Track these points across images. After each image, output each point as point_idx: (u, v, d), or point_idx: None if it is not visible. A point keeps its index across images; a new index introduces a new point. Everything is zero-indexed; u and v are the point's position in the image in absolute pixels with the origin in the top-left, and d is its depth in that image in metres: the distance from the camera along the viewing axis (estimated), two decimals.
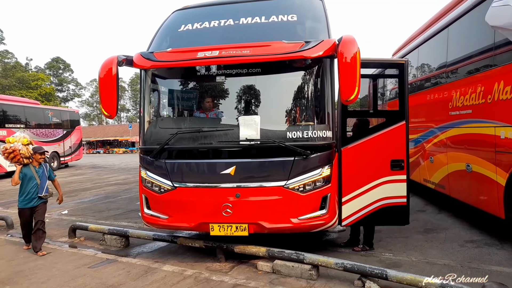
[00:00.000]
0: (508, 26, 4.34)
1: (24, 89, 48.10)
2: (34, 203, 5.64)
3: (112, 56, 4.78)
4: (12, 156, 5.59)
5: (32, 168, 5.65)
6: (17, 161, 5.61)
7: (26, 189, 5.57)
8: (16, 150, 5.55)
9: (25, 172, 5.58)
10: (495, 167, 5.01)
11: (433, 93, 7.40)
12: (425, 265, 4.64)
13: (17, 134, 5.82)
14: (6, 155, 5.64)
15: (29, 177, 5.57)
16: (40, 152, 5.72)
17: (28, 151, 5.68)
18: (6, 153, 5.63)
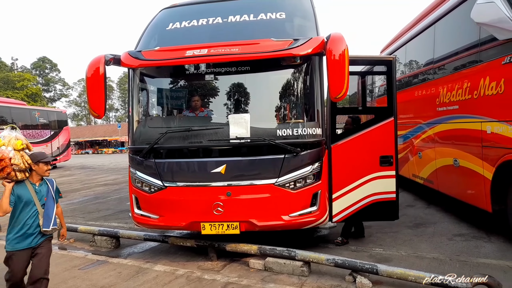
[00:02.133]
0: (493, 22, 4.42)
1: (9, 89, 47.29)
2: (34, 241, 3.52)
3: (99, 55, 4.73)
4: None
5: (30, 187, 3.54)
6: (5, 176, 3.44)
7: (20, 220, 3.47)
8: (5, 158, 3.36)
9: (19, 194, 3.45)
10: (481, 162, 5.10)
11: (420, 90, 7.48)
12: (415, 259, 4.70)
13: (5, 133, 3.59)
14: None
15: (25, 202, 3.47)
16: (45, 162, 3.57)
17: (24, 160, 3.50)
18: None
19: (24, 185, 3.53)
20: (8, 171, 3.39)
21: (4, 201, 3.34)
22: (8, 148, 3.43)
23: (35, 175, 3.60)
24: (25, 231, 3.46)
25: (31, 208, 3.50)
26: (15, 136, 3.56)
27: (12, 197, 3.42)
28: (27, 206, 3.49)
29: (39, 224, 3.51)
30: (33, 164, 3.53)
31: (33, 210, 3.51)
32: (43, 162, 3.57)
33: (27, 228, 3.47)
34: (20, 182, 3.51)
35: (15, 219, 3.48)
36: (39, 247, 3.55)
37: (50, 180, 3.74)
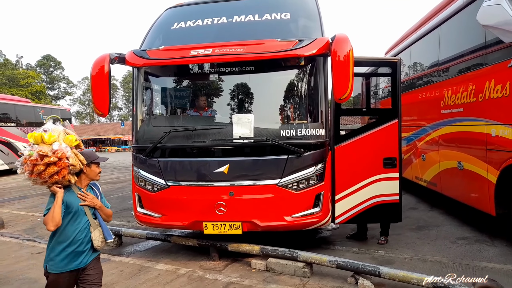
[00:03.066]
0: (499, 25, 4.39)
1: (14, 87, 47.52)
2: (83, 261, 2.89)
3: (104, 54, 4.75)
4: (52, 171, 2.71)
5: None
6: (59, 180, 2.78)
7: (67, 235, 2.81)
8: (64, 157, 2.73)
9: (68, 202, 2.81)
10: (486, 165, 5.07)
11: (425, 92, 7.45)
12: (417, 262, 4.68)
13: (50, 125, 2.91)
14: (41, 168, 2.69)
15: (74, 212, 2.83)
16: (97, 163, 3.01)
17: (78, 161, 2.87)
18: (42, 164, 2.68)
19: (72, 192, 2.87)
20: (64, 174, 2.74)
21: (57, 211, 2.68)
22: (63, 145, 2.78)
23: (84, 179, 2.96)
24: (75, 248, 2.81)
25: (81, 219, 2.85)
26: (63, 130, 2.91)
27: (62, 207, 2.75)
28: (77, 217, 2.83)
29: (90, 239, 2.89)
30: (85, 165, 2.93)
31: (84, 221, 2.87)
32: (95, 163, 2.97)
33: (77, 244, 2.81)
34: (66, 188, 2.85)
35: (59, 233, 2.80)
36: (89, 269, 2.91)
37: (94, 184, 3.10)
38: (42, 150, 2.66)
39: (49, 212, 2.70)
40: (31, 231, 6.97)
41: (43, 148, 2.68)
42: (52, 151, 2.69)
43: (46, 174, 2.69)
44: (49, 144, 2.73)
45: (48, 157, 2.66)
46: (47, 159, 2.66)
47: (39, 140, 2.72)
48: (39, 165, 2.66)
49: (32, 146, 2.73)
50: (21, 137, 18.36)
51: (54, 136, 2.78)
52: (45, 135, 2.75)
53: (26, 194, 11.52)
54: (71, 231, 2.81)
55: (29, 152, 2.68)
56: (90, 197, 2.90)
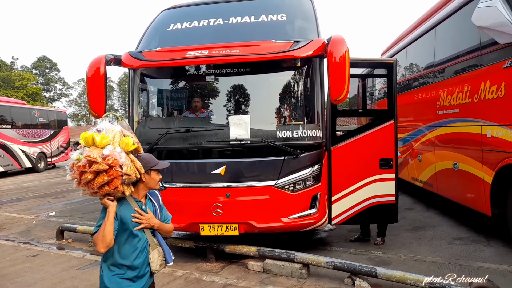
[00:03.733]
0: (494, 26, 4.42)
1: (9, 89, 47.26)
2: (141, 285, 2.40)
3: (100, 56, 4.73)
4: (102, 181, 2.18)
5: (136, 207, 2.36)
6: (110, 192, 2.24)
7: (124, 257, 2.30)
8: (116, 165, 2.19)
9: (123, 218, 2.29)
10: (481, 165, 5.09)
11: (421, 93, 7.48)
12: (414, 263, 4.69)
13: (105, 125, 2.37)
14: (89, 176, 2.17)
15: (131, 229, 2.30)
16: (157, 169, 2.46)
17: (135, 169, 2.32)
18: (90, 172, 2.17)
19: (128, 205, 2.32)
20: (117, 185, 2.19)
21: (108, 229, 2.16)
22: (117, 150, 2.22)
23: (142, 189, 2.40)
24: (134, 273, 2.31)
25: (140, 237, 2.32)
26: (120, 131, 2.35)
27: (115, 223, 2.23)
28: (134, 235, 2.30)
29: (149, 262, 2.37)
30: (143, 173, 2.36)
31: (143, 240, 2.34)
32: (155, 169, 2.43)
33: (136, 269, 2.31)
34: (120, 200, 2.31)
35: (115, 254, 2.27)
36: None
37: (153, 193, 2.52)
38: (90, 155, 2.12)
39: (100, 230, 2.18)
40: (27, 233, 6.93)
41: (93, 152, 2.15)
42: (102, 156, 2.14)
43: (95, 184, 2.15)
44: (101, 147, 2.19)
45: (97, 163, 2.12)
46: (96, 166, 2.12)
47: (90, 142, 2.20)
48: (87, 173, 2.13)
49: (83, 149, 2.22)
50: (16, 139, 18.26)
51: (108, 138, 2.22)
52: (97, 136, 2.20)
53: (21, 197, 11.45)
54: (129, 252, 2.27)
55: (77, 156, 2.15)
56: (146, 217, 2.33)
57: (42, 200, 10.71)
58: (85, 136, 2.23)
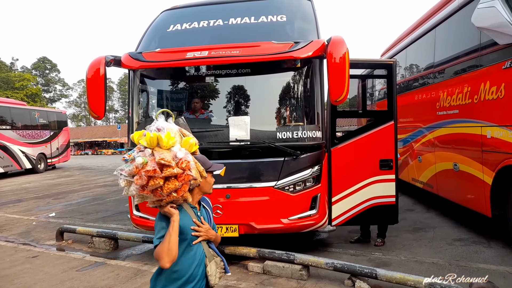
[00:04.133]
0: (493, 27, 4.42)
1: (9, 89, 47.28)
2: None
3: (100, 57, 4.73)
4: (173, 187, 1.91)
5: (192, 214, 2.12)
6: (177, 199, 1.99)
7: (184, 270, 2.02)
8: (187, 169, 1.93)
9: (182, 227, 2.01)
10: (481, 166, 5.09)
11: (421, 93, 7.48)
12: (414, 264, 4.68)
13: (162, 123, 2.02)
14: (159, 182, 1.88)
15: (189, 239, 2.06)
16: (212, 171, 2.24)
17: (198, 172, 2.07)
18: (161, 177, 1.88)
19: (185, 212, 2.06)
20: (185, 191, 1.98)
21: (174, 241, 1.90)
22: (183, 151, 1.97)
23: (197, 193, 2.16)
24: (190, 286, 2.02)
25: (197, 248, 2.07)
26: (178, 130, 2.07)
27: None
28: (192, 246, 2.05)
29: (205, 274, 2.09)
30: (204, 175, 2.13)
31: (200, 252, 2.09)
32: (210, 171, 2.19)
33: (194, 282, 2.03)
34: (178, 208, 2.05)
35: (171, 269, 1.95)
36: None
37: (204, 199, 2.28)
38: (164, 158, 1.85)
39: (164, 242, 1.89)
40: (26, 234, 6.92)
41: (164, 155, 1.87)
42: (175, 160, 1.89)
43: (165, 191, 1.88)
44: (167, 148, 1.92)
45: (171, 167, 1.86)
46: (169, 171, 1.86)
47: (154, 143, 1.92)
48: (157, 179, 1.85)
49: (144, 151, 1.92)
50: (16, 140, 18.27)
51: (174, 138, 1.97)
52: (163, 136, 1.93)
53: (21, 198, 11.44)
54: (187, 264, 2.02)
55: (143, 159, 1.86)
56: (204, 228, 2.09)
57: (42, 201, 10.70)
58: (150, 136, 1.92)
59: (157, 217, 2.05)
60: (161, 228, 1.98)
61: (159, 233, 1.98)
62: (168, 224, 1.95)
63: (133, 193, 1.93)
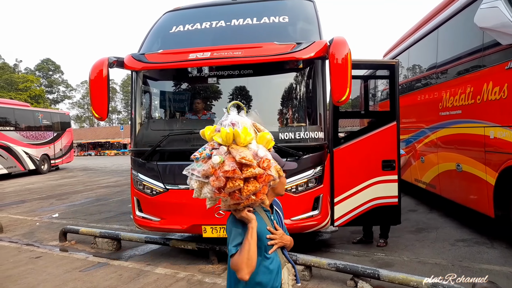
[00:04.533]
0: (496, 27, 4.41)
1: (13, 91, 47.52)
2: None
3: (103, 58, 4.75)
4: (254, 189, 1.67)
5: (266, 219, 1.88)
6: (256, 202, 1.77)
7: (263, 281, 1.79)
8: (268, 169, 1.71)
9: (259, 233, 1.76)
10: (484, 167, 5.07)
11: (423, 94, 7.47)
12: (417, 265, 4.67)
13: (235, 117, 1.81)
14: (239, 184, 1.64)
15: (265, 247, 1.82)
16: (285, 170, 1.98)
17: (276, 171, 1.78)
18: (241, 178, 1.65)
19: (258, 216, 1.83)
20: (265, 193, 1.76)
21: (253, 249, 1.69)
22: (262, 148, 1.77)
23: (270, 195, 1.93)
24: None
25: (274, 256, 1.85)
26: (252, 124, 1.86)
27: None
28: (269, 254, 1.83)
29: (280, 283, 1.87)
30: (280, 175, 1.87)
31: (276, 260, 1.87)
32: (285, 170, 1.96)
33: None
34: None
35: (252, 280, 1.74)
36: None
37: (275, 201, 2.08)
38: (246, 156, 1.63)
39: (242, 251, 1.66)
40: (30, 235, 6.95)
41: (245, 153, 1.66)
42: (256, 158, 1.68)
43: (244, 194, 1.66)
44: (244, 145, 1.71)
45: (252, 167, 1.64)
46: (249, 171, 1.64)
47: (230, 140, 1.70)
48: (236, 180, 1.63)
49: (219, 149, 1.71)
50: (20, 141, 18.35)
51: (251, 134, 1.76)
52: (240, 132, 1.70)
53: (25, 198, 11.49)
54: (265, 273, 1.80)
55: (220, 158, 1.65)
56: (279, 234, 1.87)
57: (45, 202, 10.74)
58: (226, 132, 1.69)
59: (230, 222, 1.82)
60: (237, 234, 1.75)
61: (234, 240, 1.74)
62: (244, 230, 1.74)
63: (207, 196, 1.74)
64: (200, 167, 1.72)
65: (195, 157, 1.78)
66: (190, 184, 1.78)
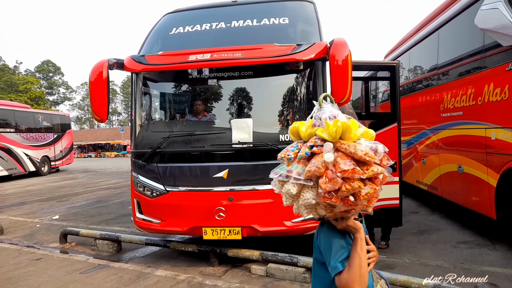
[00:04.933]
0: (497, 28, 4.41)
1: (13, 92, 47.56)
2: None
3: (103, 60, 4.74)
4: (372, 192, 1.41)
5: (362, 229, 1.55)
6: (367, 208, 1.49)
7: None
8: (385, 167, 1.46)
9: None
10: (486, 168, 5.05)
11: (424, 95, 7.46)
12: (418, 267, 4.65)
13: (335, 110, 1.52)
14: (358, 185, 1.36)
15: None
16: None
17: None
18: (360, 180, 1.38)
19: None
20: (377, 197, 1.50)
21: (364, 264, 1.47)
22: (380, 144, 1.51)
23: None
24: None
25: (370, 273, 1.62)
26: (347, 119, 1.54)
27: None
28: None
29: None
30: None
31: (370, 276, 1.61)
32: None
33: None
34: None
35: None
36: None
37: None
38: (368, 153, 1.40)
39: (353, 267, 1.44)
40: (30, 237, 6.94)
41: (362, 148, 1.41)
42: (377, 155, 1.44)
43: (361, 198, 1.39)
44: (353, 141, 1.44)
45: (372, 166, 1.41)
46: (371, 170, 1.39)
47: (338, 135, 1.43)
48: (355, 181, 1.37)
49: (325, 146, 1.43)
50: (20, 143, 18.36)
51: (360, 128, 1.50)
52: (351, 126, 1.44)
53: (25, 200, 11.48)
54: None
55: (331, 156, 1.39)
56: (374, 247, 1.67)
57: (45, 203, 10.73)
58: (337, 125, 1.42)
59: (326, 232, 1.56)
60: (341, 247, 1.50)
61: (339, 254, 1.49)
62: (347, 242, 1.52)
63: (311, 202, 1.44)
64: (297, 168, 1.45)
65: (288, 157, 1.52)
66: (285, 189, 1.49)
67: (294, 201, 1.52)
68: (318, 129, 1.48)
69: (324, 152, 1.41)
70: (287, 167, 1.51)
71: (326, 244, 1.54)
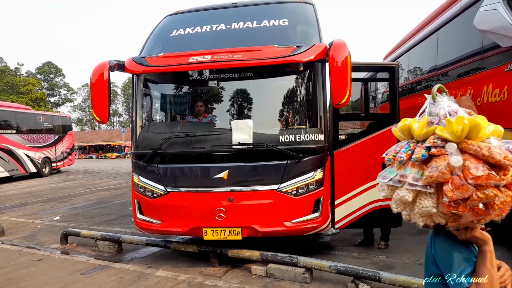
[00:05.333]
0: (496, 30, 4.43)
1: (14, 94, 47.63)
2: None
3: (103, 61, 4.77)
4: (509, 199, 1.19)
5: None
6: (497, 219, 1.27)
7: None
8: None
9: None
10: None
11: (424, 96, 7.46)
12: (418, 267, 4.66)
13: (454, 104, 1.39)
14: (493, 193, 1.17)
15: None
16: None
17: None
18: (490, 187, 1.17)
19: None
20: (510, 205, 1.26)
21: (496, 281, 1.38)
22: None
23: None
24: None
25: None
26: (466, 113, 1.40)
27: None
28: None
29: None
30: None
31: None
32: None
33: None
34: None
35: None
36: None
37: None
38: (508, 155, 1.20)
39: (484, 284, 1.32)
40: (31, 238, 6.96)
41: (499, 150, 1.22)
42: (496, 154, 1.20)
43: (495, 207, 1.21)
44: (481, 141, 1.26)
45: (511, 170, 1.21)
46: (509, 175, 1.20)
47: (464, 134, 1.25)
48: (490, 188, 1.19)
49: (447, 146, 1.25)
50: (21, 144, 18.40)
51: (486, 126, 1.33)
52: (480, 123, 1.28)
53: (26, 201, 11.51)
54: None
55: (460, 159, 1.21)
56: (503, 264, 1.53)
57: (46, 204, 10.76)
58: (462, 123, 1.24)
59: (446, 244, 1.41)
60: (464, 260, 1.35)
61: (461, 268, 1.35)
62: (471, 254, 1.36)
63: (432, 211, 1.29)
64: (413, 173, 1.29)
65: (399, 160, 1.36)
66: (398, 195, 1.35)
67: (406, 207, 1.38)
68: (437, 127, 1.30)
69: (449, 155, 1.23)
70: (397, 171, 1.36)
71: (446, 256, 1.38)
